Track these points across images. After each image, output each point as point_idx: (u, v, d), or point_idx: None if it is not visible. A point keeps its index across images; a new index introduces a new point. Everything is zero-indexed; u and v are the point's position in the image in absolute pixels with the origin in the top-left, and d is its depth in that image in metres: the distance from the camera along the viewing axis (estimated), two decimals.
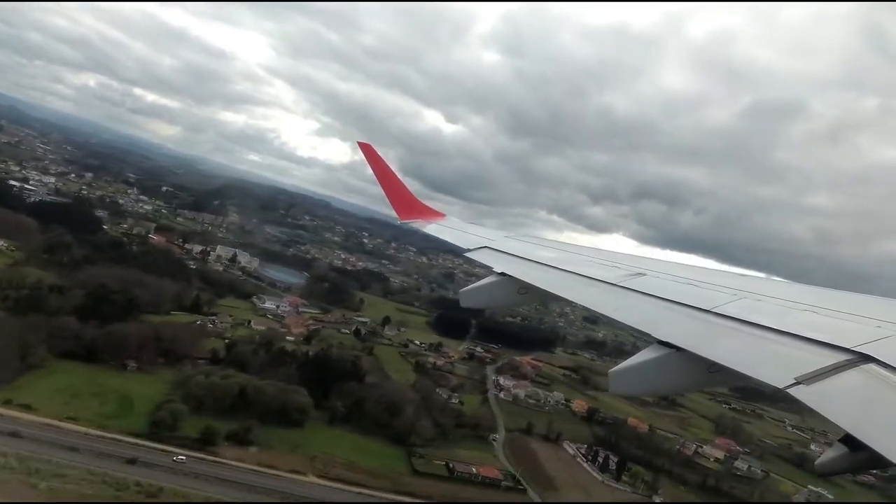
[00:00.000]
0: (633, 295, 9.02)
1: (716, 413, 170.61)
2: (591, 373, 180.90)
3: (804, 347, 5.96)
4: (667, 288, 8.95)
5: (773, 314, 7.11)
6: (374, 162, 22.20)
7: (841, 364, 5.38)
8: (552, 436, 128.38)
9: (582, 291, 10.04)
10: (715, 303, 7.75)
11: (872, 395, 4.92)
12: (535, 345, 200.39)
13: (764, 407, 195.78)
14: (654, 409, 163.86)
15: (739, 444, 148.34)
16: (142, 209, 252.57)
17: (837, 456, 4.97)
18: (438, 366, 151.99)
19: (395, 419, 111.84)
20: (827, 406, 4.89)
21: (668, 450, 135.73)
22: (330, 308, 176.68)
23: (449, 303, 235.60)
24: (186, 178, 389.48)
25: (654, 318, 8.01)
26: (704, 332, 7.20)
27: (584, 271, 10.76)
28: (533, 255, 13.17)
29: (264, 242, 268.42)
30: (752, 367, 6.04)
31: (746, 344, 6.65)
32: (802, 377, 5.29)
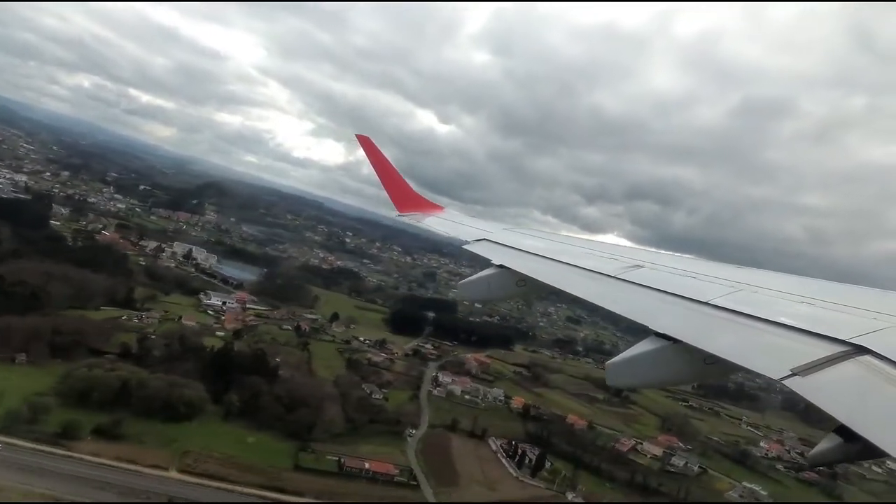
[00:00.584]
0: (630, 287, 9.21)
1: (666, 410, 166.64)
2: (544, 370, 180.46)
3: (799, 339, 6.04)
4: (664, 280, 9.11)
5: (768, 306, 7.23)
6: (373, 154, 22.25)
7: (836, 355, 5.44)
8: (478, 432, 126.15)
9: (580, 283, 10.14)
10: (711, 295, 7.88)
11: (867, 387, 4.96)
12: (494, 342, 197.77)
13: (724, 405, 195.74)
14: (603, 406, 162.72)
15: (683, 441, 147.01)
16: (113, 207, 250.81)
17: (832, 446, 5.01)
18: (376, 362, 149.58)
19: (296, 414, 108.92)
20: (822, 397, 4.91)
21: (602, 446, 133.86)
22: (279, 305, 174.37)
23: (418, 301, 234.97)
24: (175, 179, 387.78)
25: (651, 310, 8.15)
26: (701, 324, 7.31)
27: (583, 263, 10.88)
28: (531, 248, 13.32)
29: (239, 241, 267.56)
30: (747, 358, 6.14)
31: (742, 336, 6.76)
32: (798, 369, 5.33)
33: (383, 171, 22.15)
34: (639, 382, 8.43)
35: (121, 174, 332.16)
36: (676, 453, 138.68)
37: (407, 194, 22.12)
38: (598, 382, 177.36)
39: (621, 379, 7.49)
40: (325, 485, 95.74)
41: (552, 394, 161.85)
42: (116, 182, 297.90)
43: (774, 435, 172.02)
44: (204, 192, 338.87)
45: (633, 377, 7.50)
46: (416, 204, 21.84)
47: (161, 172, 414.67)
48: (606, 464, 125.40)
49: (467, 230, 16.62)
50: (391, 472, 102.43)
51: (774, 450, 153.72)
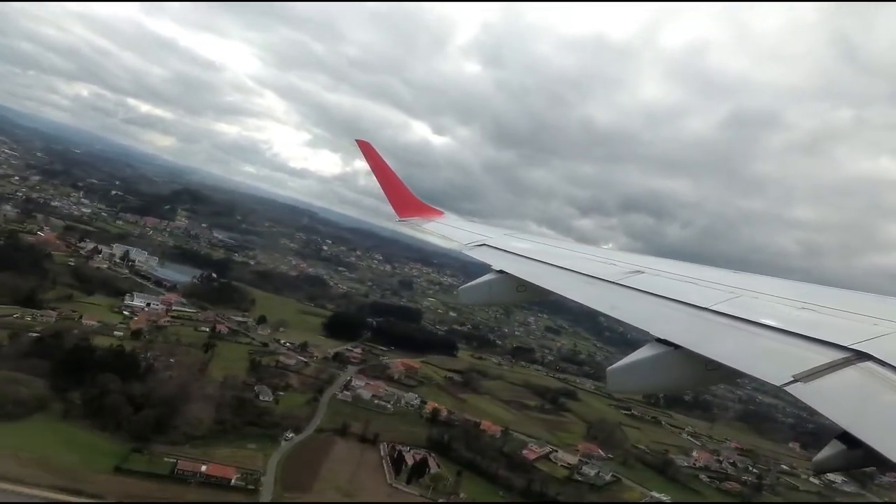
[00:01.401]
0: (631, 293, 9.10)
1: (601, 418, 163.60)
2: (481, 376, 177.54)
3: (801, 345, 6.01)
4: (665, 286, 9.02)
5: (769, 312, 7.23)
6: (373, 160, 22.10)
7: (838, 362, 5.43)
8: (370, 436, 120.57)
9: (580, 289, 10.02)
10: (712, 300, 7.81)
11: (869, 393, 4.97)
12: (437, 348, 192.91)
13: (674, 414, 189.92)
14: (532, 413, 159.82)
15: (605, 450, 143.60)
16: (77, 211, 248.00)
17: (834, 453, 4.91)
18: (286, 364, 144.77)
19: (147, 415, 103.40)
20: (824, 404, 4.91)
21: (508, 453, 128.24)
22: (209, 307, 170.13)
23: (379, 308, 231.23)
24: (162, 187, 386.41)
25: (652, 316, 8.11)
26: (702, 330, 7.27)
27: (583, 269, 10.78)
28: (531, 253, 13.25)
29: (206, 246, 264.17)
30: (749, 364, 6.07)
31: (744, 342, 6.74)
32: (800, 375, 5.32)
33: (383, 176, 22.03)
34: (639, 388, 7.69)
35: (102, 181, 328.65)
36: (591, 462, 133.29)
37: (407, 200, 21.92)
38: (536, 389, 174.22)
39: (622, 385, 7.33)
40: (143, 488, 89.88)
41: (478, 399, 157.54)
42: (88, 187, 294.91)
43: (713, 445, 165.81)
44: (179, 197, 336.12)
45: (634, 383, 7.35)
46: (417, 209, 21.64)
47: (150, 181, 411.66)
48: (506, 471, 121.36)
49: (467, 235, 16.66)
50: (228, 476, 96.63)
51: (703, 459, 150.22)
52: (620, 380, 7.20)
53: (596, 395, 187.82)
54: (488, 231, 17.01)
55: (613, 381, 7.21)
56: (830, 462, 4.97)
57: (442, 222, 20.23)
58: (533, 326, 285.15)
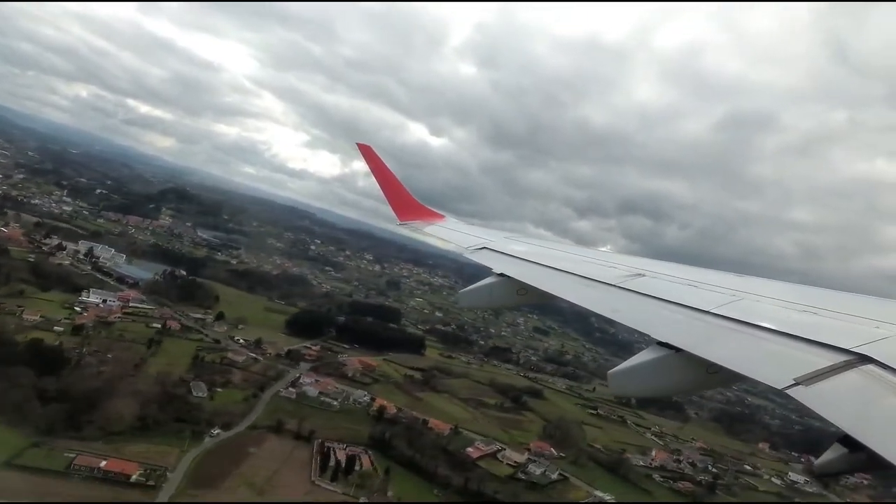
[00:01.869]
0: (632, 296, 9.11)
1: (562, 417, 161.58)
2: (444, 374, 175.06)
3: (803, 348, 6.03)
4: (666, 289, 9.07)
5: (771, 315, 7.23)
6: (373, 163, 22.02)
7: (839, 365, 5.43)
8: (304, 433, 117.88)
9: (581, 292, 10.04)
10: (713, 304, 7.82)
11: (871, 396, 4.99)
12: (404, 347, 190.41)
13: (645, 414, 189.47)
14: (490, 412, 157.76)
15: (557, 449, 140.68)
16: (57, 209, 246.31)
17: (836, 457, 5.00)
18: (234, 361, 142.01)
19: (55, 409, 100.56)
20: (825, 407, 4.92)
21: (452, 451, 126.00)
22: (168, 304, 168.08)
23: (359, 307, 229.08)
24: (154, 186, 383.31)
25: (653, 319, 8.17)
26: (703, 333, 7.26)
27: (584, 272, 10.81)
28: (532, 256, 13.17)
29: (189, 245, 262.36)
30: (750, 367, 6.09)
31: (745, 345, 6.73)
32: (801, 378, 5.32)
33: (384, 179, 21.97)
34: (640, 391, 7.71)
35: (92, 180, 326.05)
36: (539, 461, 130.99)
37: (408, 203, 21.85)
38: (500, 388, 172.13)
39: (623, 387, 7.36)
40: (31, 483, 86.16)
41: (435, 398, 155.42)
42: (73, 186, 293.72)
43: (677, 445, 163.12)
44: (165, 197, 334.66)
45: (635, 386, 7.37)
46: (417, 212, 21.63)
47: (146, 181, 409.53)
48: (446, 469, 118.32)
49: (468, 238, 16.60)
50: (128, 472, 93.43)
51: (660, 459, 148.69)
52: (622, 383, 7.24)
53: (564, 395, 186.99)
54: (489, 234, 17.12)
55: (615, 384, 7.24)
56: (832, 465, 4.98)
57: (442, 225, 20.33)
58: (521, 327, 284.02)
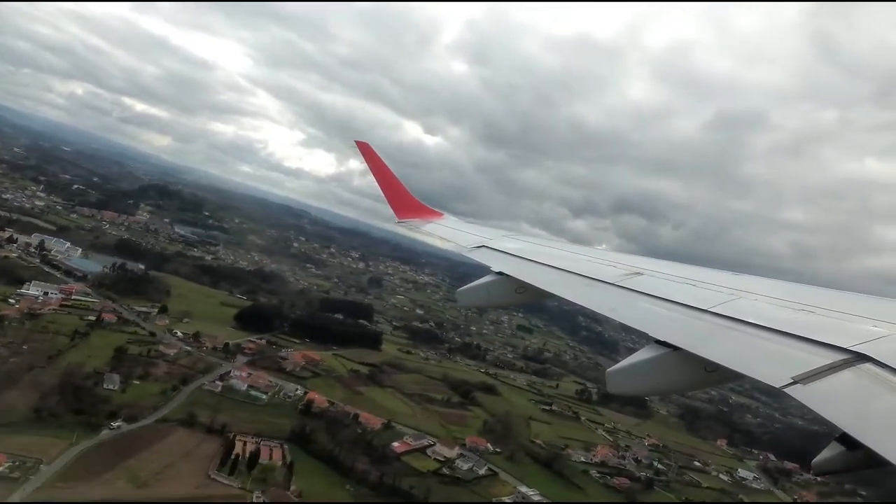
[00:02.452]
0: (630, 294, 9.07)
1: (509, 412, 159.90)
2: (395, 370, 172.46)
3: (801, 347, 6.01)
4: (664, 287, 9.03)
5: (769, 314, 7.20)
6: (372, 161, 21.91)
7: (837, 364, 5.43)
8: (216, 427, 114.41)
9: (579, 291, 10.05)
10: (712, 302, 7.80)
11: (869, 395, 4.97)
12: (360, 342, 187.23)
13: (604, 410, 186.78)
14: (434, 407, 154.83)
15: (495, 444, 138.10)
16: (29, 204, 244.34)
17: (834, 455, 5.00)
18: (162, 353, 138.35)
19: None
20: (823, 405, 4.90)
21: (377, 446, 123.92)
22: (115, 297, 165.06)
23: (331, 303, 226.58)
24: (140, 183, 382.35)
25: (652, 318, 8.14)
26: (702, 332, 7.24)
27: (582, 270, 10.77)
28: (531, 255, 13.06)
29: (166, 241, 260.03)
30: (748, 366, 6.07)
31: (743, 343, 6.71)
32: (799, 377, 5.32)
33: (382, 177, 21.75)
34: (639, 390, 7.74)
35: (77, 176, 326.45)
36: (468, 456, 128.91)
37: (406, 201, 21.63)
38: (453, 383, 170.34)
39: (621, 386, 7.29)
40: None
41: (378, 392, 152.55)
42: (51, 181, 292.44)
43: (628, 441, 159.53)
44: (146, 193, 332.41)
45: (633, 385, 7.33)
46: (416, 211, 21.39)
47: (137, 179, 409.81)
48: (367, 464, 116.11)
49: (466, 237, 16.62)
50: None
51: (602, 455, 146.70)
52: (619, 381, 7.14)
53: (524, 391, 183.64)
54: (487, 232, 16.93)
55: (613, 383, 7.15)
56: (830, 464, 4.97)
57: (441, 224, 20.13)
58: (505, 325, 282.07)
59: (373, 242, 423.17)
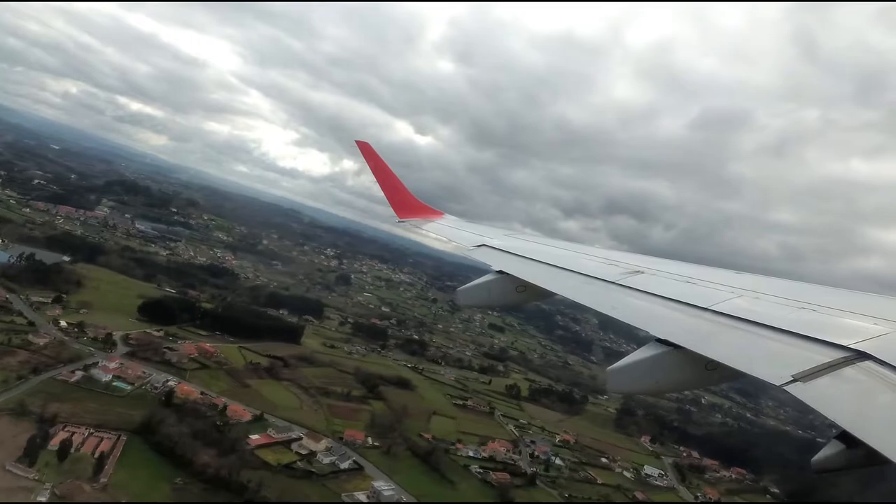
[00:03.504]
0: (631, 293, 9.15)
1: (413, 406, 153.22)
2: (302, 362, 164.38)
3: (801, 345, 6.04)
4: (665, 286, 9.07)
5: (769, 312, 7.25)
6: (372, 160, 22.02)
7: (838, 361, 5.45)
8: (47, 416, 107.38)
9: (580, 289, 10.05)
10: (712, 300, 7.86)
11: (869, 392, 4.99)
12: (279, 335, 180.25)
13: (528, 406, 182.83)
14: (327, 400, 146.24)
15: (374, 438, 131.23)
16: None
17: (834, 453, 4.97)
18: (30, 342, 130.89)
19: None
20: (824, 403, 4.93)
21: (227, 439, 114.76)
22: (15, 287, 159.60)
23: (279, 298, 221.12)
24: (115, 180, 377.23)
25: (652, 316, 8.20)
26: (702, 330, 7.26)
27: (583, 269, 10.82)
28: (531, 253, 13.12)
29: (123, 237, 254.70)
30: (748, 364, 6.11)
31: (743, 341, 6.75)
32: (799, 374, 5.33)
33: (383, 177, 21.88)
34: (639, 388, 7.82)
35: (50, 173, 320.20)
36: (334, 449, 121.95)
37: (407, 200, 21.80)
38: (363, 377, 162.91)
39: (622, 385, 7.37)
40: None
41: (270, 385, 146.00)
42: (10, 176, 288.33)
43: (538, 436, 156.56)
44: (111, 188, 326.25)
45: (634, 383, 7.36)
46: (416, 210, 21.57)
47: (121, 175, 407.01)
48: (210, 457, 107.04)
49: (467, 236, 16.70)
50: None
51: (493, 450, 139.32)
52: (620, 380, 7.17)
53: (444, 385, 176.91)
54: (487, 231, 17.01)
55: (613, 381, 7.17)
56: (830, 461, 4.93)
57: (441, 223, 20.19)
58: (476, 324, 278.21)
59: (360, 241, 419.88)
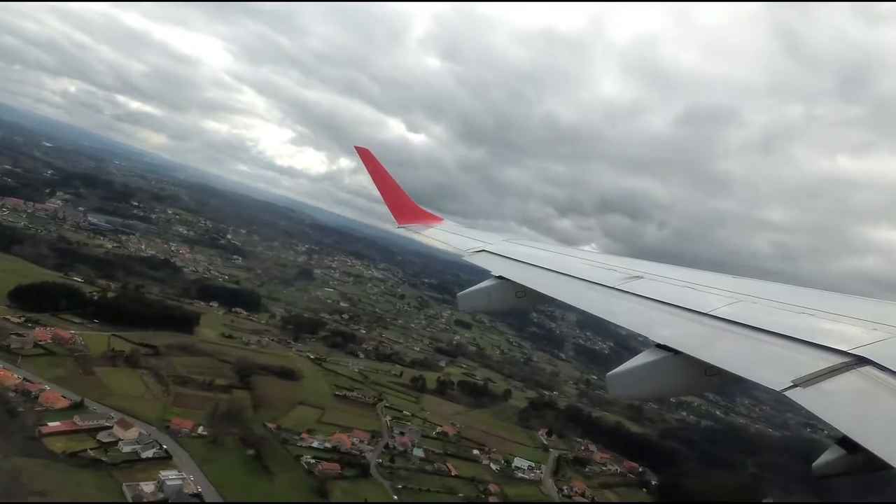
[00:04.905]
0: (630, 298, 9.07)
1: (261, 394, 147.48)
2: (177, 350, 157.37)
3: (801, 350, 6.00)
4: (664, 291, 9.00)
5: (769, 317, 7.17)
6: (372, 166, 22.01)
7: (837, 366, 5.40)
8: None
9: (579, 294, 10.02)
10: (712, 305, 7.82)
11: (869, 398, 4.96)
12: (171, 324, 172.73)
13: (428, 398, 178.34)
14: (186, 389, 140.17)
15: (208, 427, 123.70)
16: None
17: (834, 458, 5.00)
18: None
19: None
20: (823, 408, 4.90)
21: (23, 426, 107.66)
22: None
23: (210, 290, 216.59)
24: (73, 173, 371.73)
25: (652, 321, 8.13)
26: (701, 335, 7.20)
27: (582, 274, 10.80)
28: (531, 259, 13.20)
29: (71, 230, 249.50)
30: (748, 369, 6.08)
31: (743, 346, 6.69)
32: (799, 380, 5.28)
33: (382, 183, 21.89)
34: (639, 393, 8.19)
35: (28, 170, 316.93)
36: (142, 437, 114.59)
37: (406, 206, 21.84)
38: (240, 367, 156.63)
39: (622, 390, 7.27)
40: None
41: (118, 373, 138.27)
42: None
43: (399, 429, 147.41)
44: (70, 182, 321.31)
45: (634, 388, 7.33)
46: (416, 215, 21.62)
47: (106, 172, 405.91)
48: None
49: (466, 241, 16.70)
50: None
51: (334, 441, 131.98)
52: (619, 385, 7.08)
53: (339, 376, 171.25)
54: (487, 237, 17.07)
55: (613, 387, 7.08)
56: (830, 467, 4.95)
57: (440, 228, 20.33)
58: (442, 320, 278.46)
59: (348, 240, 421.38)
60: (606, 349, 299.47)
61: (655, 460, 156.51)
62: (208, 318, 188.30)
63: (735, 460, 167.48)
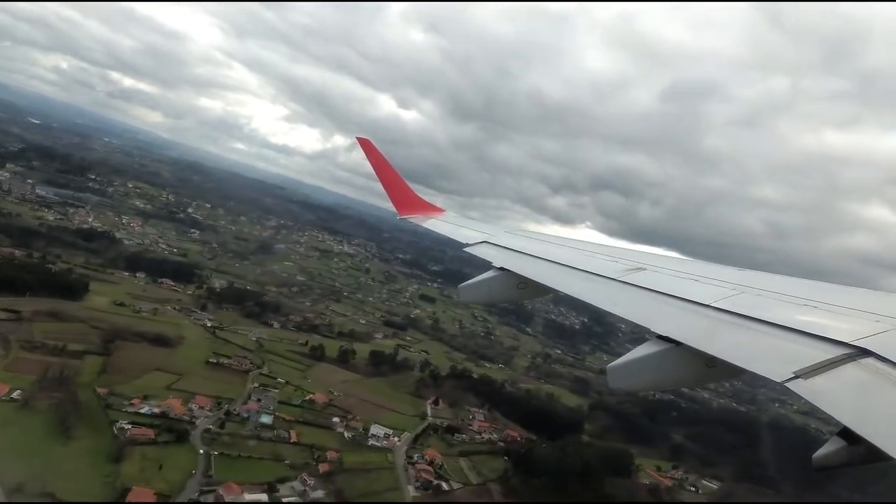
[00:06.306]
0: (632, 289, 9.10)
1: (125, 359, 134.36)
2: (47, 317, 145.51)
3: (802, 341, 6.01)
4: (665, 282, 9.00)
5: (770, 309, 7.18)
6: (373, 157, 22.02)
7: (839, 358, 5.43)
8: None
9: (581, 286, 10.09)
10: (714, 297, 7.80)
11: (870, 389, 5.00)
12: (56, 291, 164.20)
13: (325, 366, 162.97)
14: (19, 354, 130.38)
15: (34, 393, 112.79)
16: None
17: (835, 450, 4.95)
18: None
19: None
20: (825, 400, 4.93)
21: None
22: None
23: (145, 262, 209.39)
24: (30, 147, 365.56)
25: (654, 313, 8.08)
26: (703, 327, 7.22)
27: (584, 266, 10.81)
28: (532, 250, 13.21)
29: (14, 201, 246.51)
30: (749, 361, 6.08)
31: (744, 338, 6.71)
32: (800, 371, 5.33)
33: (384, 174, 21.86)
34: (640, 385, 7.57)
35: None
36: None
37: (408, 197, 21.88)
38: (110, 333, 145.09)
39: (623, 381, 7.25)
40: None
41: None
42: None
43: (257, 396, 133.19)
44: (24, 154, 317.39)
45: (635, 380, 7.25)
46: (417, 206, 21.61)
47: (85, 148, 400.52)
48: None
49: (467, 233, 16.66)
50: None
51: (166, 406, 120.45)
52: (621, 376, 7.07)
53: (225, 343, 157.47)
54: (488, 228, 17.07)
55: (614, 378, 7.09)
56: (831, 458, 4.90)
57: (441, 220, 20.16)
58: (406, 295, 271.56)
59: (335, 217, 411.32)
60: (578, 324, 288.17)
61: (560, 430, 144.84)
62: (115, 287, 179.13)
63: (663, 433, 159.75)
